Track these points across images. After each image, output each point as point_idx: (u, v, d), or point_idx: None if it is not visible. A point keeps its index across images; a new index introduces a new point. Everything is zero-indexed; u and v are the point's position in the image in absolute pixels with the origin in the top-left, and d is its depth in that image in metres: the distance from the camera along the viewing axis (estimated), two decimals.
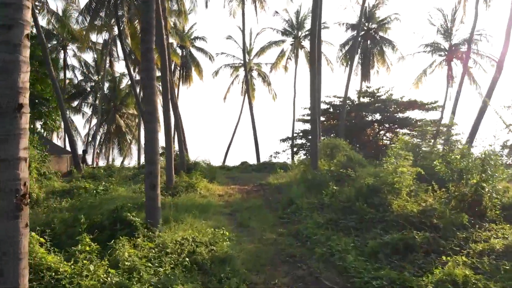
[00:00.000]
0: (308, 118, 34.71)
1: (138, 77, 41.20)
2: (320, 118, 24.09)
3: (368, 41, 38.41)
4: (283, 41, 41.12)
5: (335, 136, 25.74)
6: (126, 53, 26.21)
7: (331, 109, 34.37)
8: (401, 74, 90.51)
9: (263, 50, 41.85)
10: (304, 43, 40.28)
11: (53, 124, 27.51)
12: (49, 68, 20.61)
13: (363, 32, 36.46)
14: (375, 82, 59.78)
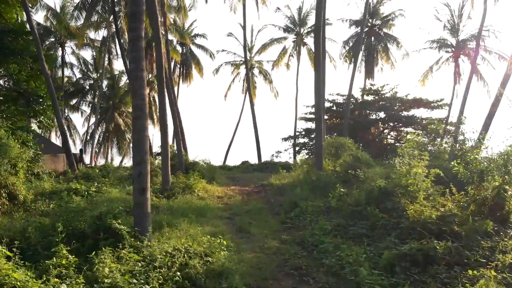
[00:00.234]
0: (311, 117, 34.04)
1: None
2: (324, 116, 23.23)
3: (372, 38, 37.49)
4: (285, 38, 40.22)
5: (338, 135, 24.92)
6: (124, 50, 25.39)
7: (334, 107, 33.57)
8: (406, 72, 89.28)
9: (265, 47, 40.98)
10: (307, 40, 39.40)
11: (49, 123, 26.65)
12: (42, 64, 19.77)
13: (367, 29, 35.54)
14: (379, 80, 58.84)
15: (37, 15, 76.35)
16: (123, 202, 11.40)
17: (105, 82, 44.96)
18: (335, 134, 28.10)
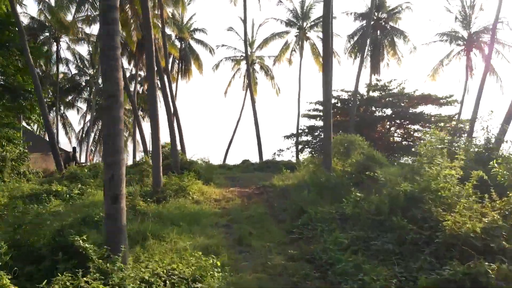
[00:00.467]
0: (314, 113, 32.61)
1: (134, 71, 39.13)
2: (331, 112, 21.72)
3: (378, 32, 35.99)
4: (287, 32, 38.72)
5: (343, 133, 23.45)
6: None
7: (339, 104, 32.11)
8: (413, 67, 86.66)
9: (266, 42, 39.50)
10: (310, 34, 37.92)
11: (38, 119, 25.26)
12: (27, 55, 18.38)
13: (372, 22, 34.02)
14: (385, 75, 57.28)
15: (32, 9, 75.05)
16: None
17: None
18: (340, 132, 26.67)
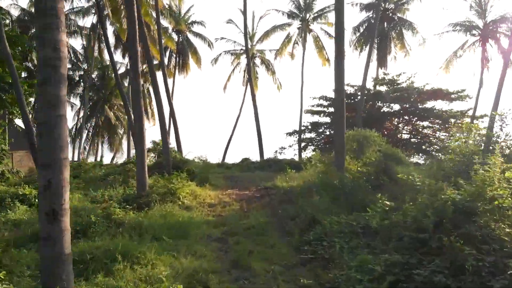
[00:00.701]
0: (318, 109, 30.80)
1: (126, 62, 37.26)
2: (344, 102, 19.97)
3: (385, 23, 34.12)
4: (289, 25, 36.86)
5: (349, 130, 21.72)
6: (106, 32, 22.13)
7: (344, 98, 30.32)
8: (421, 61, 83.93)
9: (267, 35, 37.61)
10: (313, 26, 36.10)
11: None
12: (4, 43, 16.59)
13: (380, 13, 32.21)
14: (392, 69, 55.25)
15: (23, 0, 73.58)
16: (78, 216, 8.29)
17: (96, 73, 41.78)
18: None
